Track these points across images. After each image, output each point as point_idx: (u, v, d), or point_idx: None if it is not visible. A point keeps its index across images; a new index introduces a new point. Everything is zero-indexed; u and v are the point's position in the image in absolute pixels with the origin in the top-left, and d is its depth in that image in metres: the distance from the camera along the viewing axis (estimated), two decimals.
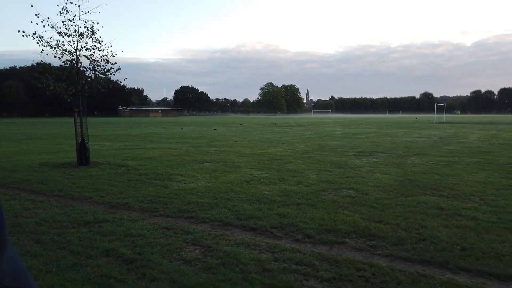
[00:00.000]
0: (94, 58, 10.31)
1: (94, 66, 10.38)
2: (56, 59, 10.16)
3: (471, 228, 4.79)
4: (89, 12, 9.91)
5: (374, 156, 12.83)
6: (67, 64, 10.26)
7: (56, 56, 10.02)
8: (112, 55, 10.35)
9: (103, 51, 10.22)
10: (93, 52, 10.28)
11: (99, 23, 10.20)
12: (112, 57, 10.39)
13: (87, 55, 10.27)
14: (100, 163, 10.78)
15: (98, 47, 10.24)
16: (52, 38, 9.94)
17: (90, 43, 10.23)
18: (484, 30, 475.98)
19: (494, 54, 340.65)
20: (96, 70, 10.47)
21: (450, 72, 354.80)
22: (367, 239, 4.49)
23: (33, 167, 10.26)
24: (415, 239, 4.41)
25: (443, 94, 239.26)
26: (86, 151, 10.52)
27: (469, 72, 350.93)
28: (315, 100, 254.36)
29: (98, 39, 10.28)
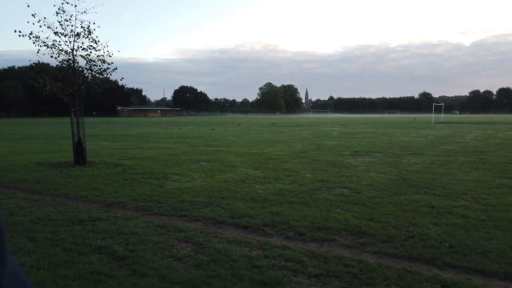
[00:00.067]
0: (90, 58, 10.36)
1: (91, 66, 10.43)
2: (53, 59, 10.22)
3: (460, 226, 4.85)
4: (85, 12, 9.97)
5: (370, 155, 12.89)
6: (63, 64, 10.31)
7: (52, 56, 10.07)
8: (109, 55, 10.40)
9: (99, 51, 10.27)
10: (89, 52, 10.33)
11: (95, 23, 10.25)
12: (109, 57, 10.44)
13: (84, 55, 10.31)
14: (97, 163, 10.82)
15: (95, 47, 10.29)
16: (48, 38, 10.00)
17: (86, 43, 10.29)
18: (483, 30, 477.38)
19: (493, 54, 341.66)
20: (92, 70, 10.52)
21: (449, 72, 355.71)
22: (357, 237, 4.55)
23: (29, 167, 10.30)
24: (404, 237, 4.47)
25: (442, 94, 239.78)
26: (82, 151, 10.56)
27: (468, 72, 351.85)
28: (314, 100, 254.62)
29: (94, 39, 10.33)
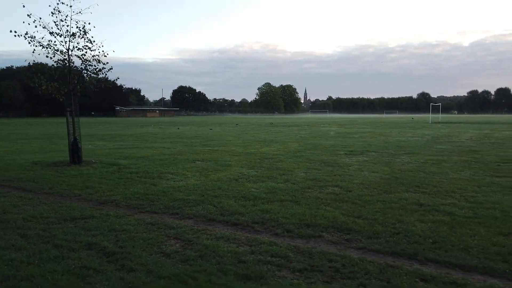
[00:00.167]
0: (85, 58, 10.43)
1: (86, 66, 10.51)
2: (48, 59, 10.30)
3: (446, 223, 4.94)
4: (80, 12, 10.04)
5: (365, 155, 12.99)
6: (59, 64, 10.38)
7: (48, 56, 10.14)
8: (104, 55, 10.48)
9: (94, 51, 10.35)
10: (84, 52, 10.41)
11: (90, 23, 10.33)
12: (104, 57, 10.52)
13: (79, 55, 10.39)
14: (93, 162, 10.89)
15: (90, 47, 10.37)
16: (44, 38, 10.08)
17: (82, 43, 10.37)
18: (482, 30, 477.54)
19: (491, 54, 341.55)
20: (88, 70, 10.60)
21: (448, 72, 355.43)
22: (344, 233, 4.63)
23: (25, 166, 10.37)
24: (389, 233, 4.55)
25: (441, 94, 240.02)
26: (78, 150, 10.63)
27: (467, 72, 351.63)
28: (313, 100, 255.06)
29: (90, 39, 10.41)
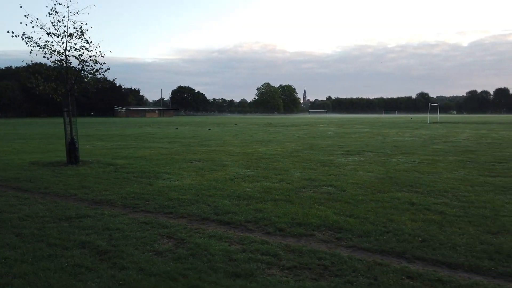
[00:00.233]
0: (83, 59, 10.48)
1: (83, 67, 10.55)
2: (46, 60, 10.35)
3: (436, 222, 5.00)
4: (77, 13, 10.08)
5: (361, 155, 13.05)
6: (56, 64, 10.42)
7: (45, 57, 10.19)
8: (101, 55, 10.52)
9: (91, 51, 10.39)
10: (82, 53, 10.45)
11: (87, 23, 10.38)
12: (101, 57, 10.56)
13: (76, 56, 10.43)
14: (90, 162, 10.94)
15: (87, 47, 10.41)
16: (41, 39, 10.11)
17: (79, 44, 10.41)
18: (481, 30, 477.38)
19: (490, 54, 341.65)
20: (85, 71, 10.65)
21: (447, 72, 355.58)
22: (335, 232, 4.69)
23: (23, 166, 10.41)
24: (380, 232, 4.61)
25: (440, 94, 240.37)
26: (75, 150, 10.68)
27: (466, 72, 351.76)
28: (312, 100, 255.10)
29: (87, 40, 10.45)
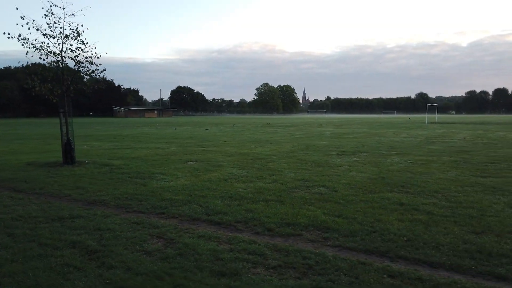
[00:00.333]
0: (79, 60, 10.55)
1: (79, 68, 10.63)
2: (41, 61, 10.41)
3: (423, 222, 5.08)
4: (73, 14, 10.15)
5: (356, 155, 13.12)
6: (52, 65, 10.49)
7: (41, 58, 10.25)
8: (97, 56, 10.60)
9: (87, 52, 10.47)
10: (78, 54, 10.52)
11: (83, 25, 10.45)
12: (97, 58, 10.64)
13: (72, 57, 10.50)
14: (86, 163, 11.01)
15: (83, 48, 10.48)
16: (37, 40, 10.18)
17: (75, 45, 10.48)
18: (480, 31, 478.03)
19: (489, 55, 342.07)
20: (81, 72, 10.72)
21: (446, 72, 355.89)
22: (323, 232, 4.77)
23: (19, 166, 10.48)
24: (366, 231, 4.69)
25: (439, 94, 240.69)
26: (71, 151, 10.75)
27: (465, 73, 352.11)
28: (311, 101, 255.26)
29: (83, 41, 10.53)
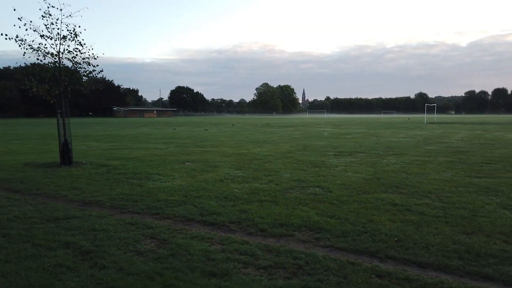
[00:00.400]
0: (76, 61, 10.59)
1: (76, 69, 10.67)
2: (39, 62, 10.44)
3: (414, 222, 5.13)
4: (70, 16, 10.19)
5: (353, 156, 13.17)
6: (50, 66, 10.53)
7: (38, 59, 10.30)
8: (94, 57, 10.64)
9: (84, 53, 10.51)
10: (75, 55, 10.56)
11: (81, 26, 10.49)
12: (94, 59, 10.68)
13: (70, 58, 10.54)
14: (83, 163, 11.05)
15: (80, 49, 10.53)
16: (34, 41, 10.22)
17: (72, 46, 10.52)
18: (480, 31, 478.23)
19: (489, 55, 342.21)
20: (78, 73, 10.76)
21: (446, 72, 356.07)
22: (315, 232, 4.82)
23: (16, 167, 10.52)
24: (358, 232, 4.74)
25: (438, 95, 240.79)
26: (68, 151, 10.79)
27: (464, 73, 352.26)
28: (311, 101, 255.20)
29: (80, 42, 10.57)
